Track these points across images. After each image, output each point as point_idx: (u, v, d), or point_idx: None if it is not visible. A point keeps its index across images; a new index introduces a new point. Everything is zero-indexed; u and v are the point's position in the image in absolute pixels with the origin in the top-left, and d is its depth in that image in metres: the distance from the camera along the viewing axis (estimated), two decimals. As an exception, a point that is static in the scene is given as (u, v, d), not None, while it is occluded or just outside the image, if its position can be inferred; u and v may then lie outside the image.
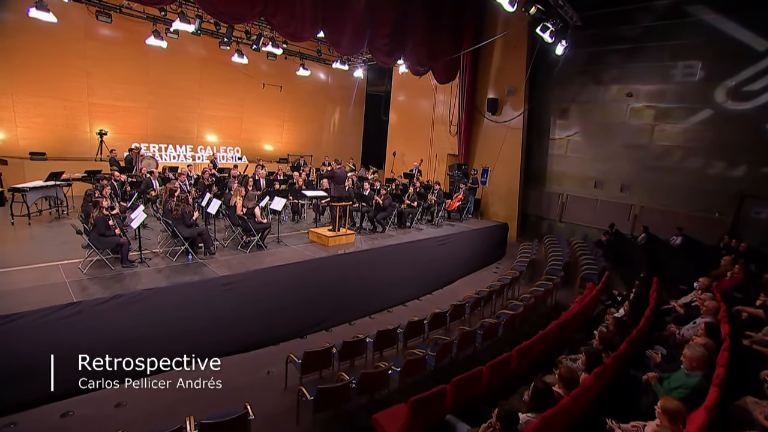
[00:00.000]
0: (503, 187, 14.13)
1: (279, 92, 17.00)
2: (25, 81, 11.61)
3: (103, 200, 6.19)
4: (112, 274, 6.13)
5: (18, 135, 11.79)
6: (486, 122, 14.39)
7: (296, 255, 7.79)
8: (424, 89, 16.12)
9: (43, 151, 11.60)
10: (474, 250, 11.40)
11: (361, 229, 10.24)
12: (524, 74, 13.14)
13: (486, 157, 14.41)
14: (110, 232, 6.22)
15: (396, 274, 8.98)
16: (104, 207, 6.18)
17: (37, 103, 11.88)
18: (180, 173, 9.49)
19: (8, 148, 11.66)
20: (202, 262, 6.98)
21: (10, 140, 11.74)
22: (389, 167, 17.18)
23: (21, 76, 11.51)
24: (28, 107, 11.76)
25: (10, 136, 11.74)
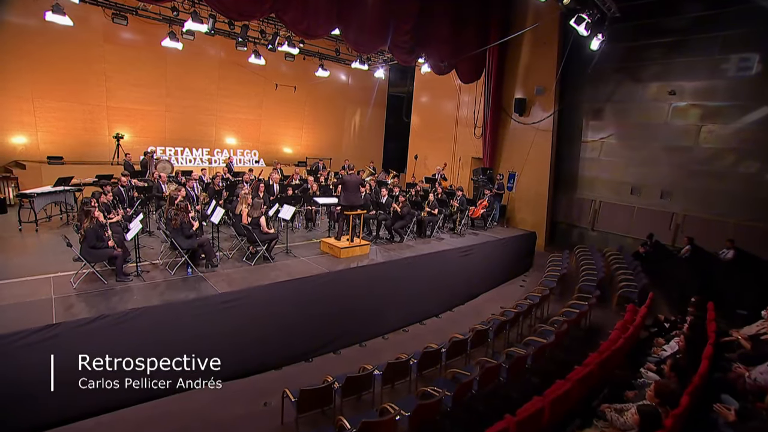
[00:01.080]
0: (531, 192, 13.14)
1: (299, 94, 16.46)
2: (46, 85, 11.46)
3: (94, 210, 5.68)
4: (103, 290, 5.61)
5: (38, 139, 11.65)
6: (513, 124, 13.43)
7: (304, 268, 7.13)
8: (447, 90, 15.28)
9: (61, 155, 11.41)
10: (499, 261, 10.49)
11: (377, 238, 9.51)
12: (555, 72, 12.12)
13: (512, 160, 13.44)
14: (102, 243, 5.71)
15: (413, 288, 8.21)
16: (96, 217, 5.66)
17: (57, 108, 11.72)
18: (189, 178, 8.99)
19: (29, 153, 11.53)
20: (202, 276, 6.40)
21: (31, 145, 11.61)
22: (411, 171, 16.39)
23: (42, 81, 11.36)
24: (48, 111, 11.61)
25: (31, 140, 11.61)
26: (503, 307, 8.90)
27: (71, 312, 4.96)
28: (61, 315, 4.85)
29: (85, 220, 5.66)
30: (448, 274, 9.01)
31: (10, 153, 11.25)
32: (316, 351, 6.54)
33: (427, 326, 7.97)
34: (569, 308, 7.32)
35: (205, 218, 7.66)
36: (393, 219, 9.38)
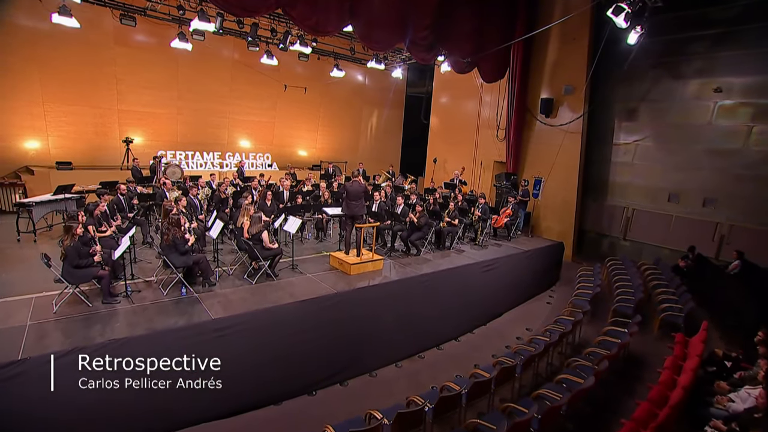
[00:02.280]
0: (558, 198, 12.15)
1: (313, 95, 15.86)
2: (56, 89, 11.14)
3: (76, 227, 5.09)
4: (86, 314, 5.03)
5: (50, 144, 11.35)
6: (539, 126, 12.45)
7: (310, 288, 6.42)
8: (468, 90, 14.40)
9: (70, 161, 11.06)
10: (524, 275, 9.58)
11: (392, 250, 8.74)
12: (585, 70, 11.12)
13: (538, 164, 12.46)
14: (85, 261, 5.12)
15: (431, 309, 7.42)
16: (77, 234, 5.08)
17: (68, 112, 11.40)
18: (193, 185, 8.41)
19: (41, 158, 11.23)
20: (196, 298, 5.77)
21: (43, 149, 11.31)
22: (429, 175, 15.54)
23: (52, 84, 11.05)
24: (59, 115, 11.29)
25: (43, 145, 11.31)
26: (529, 328, 8.09)
27: (43, 343, 4.37)
28: (31, 347, 4.26)
29: (65, 236, 5.07)
30: (468, 291, 8.18)
31: (21, 158, 10.96)
32: (321, 383, 5.83)
33: (445, 351, 7.17)
34: (606, 336, 6.39)
35: (207, 230, 7.06)
36: (410, 230, 8.61)
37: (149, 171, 11.07)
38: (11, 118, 10.55)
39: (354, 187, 7.33)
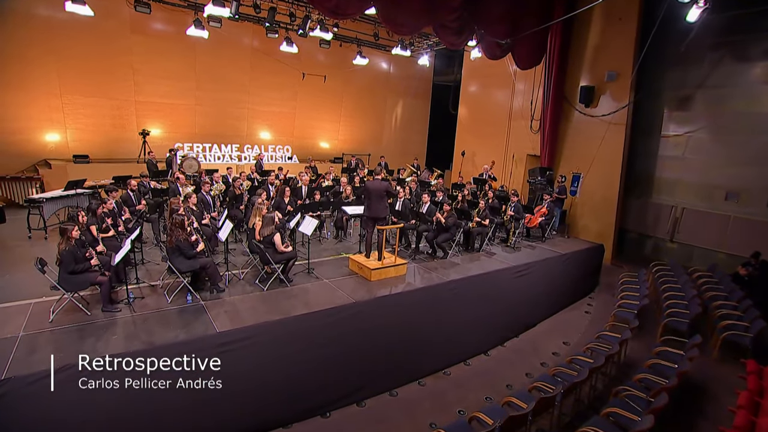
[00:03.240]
0: (596, 196, 11.23)
1: (336, 84, 15.31)
2: (74, 80, 11.00)
3: (72, 229, 4.72)
4: (83, 324, 4.68)
5: (68, 137, 11.24)
6: (577, 116, 11.51)
7: (326, 296, 5.93)
8: (500, 77, 13.53)
9: (87, 154, 10.94)
10: (560, 281, 8.82)
11: (417, 252, 8.15)
12: (633, 53, 10.11)
13: (576, 159, 11.54)
14: (82, 266, 4.76)
15: (458, 319, 6.82)
16: (72, 237, 4.71)
17: (85, 104, 11.25)
18: (204, 181, 8.02)
19: (60, 151, 11.16)
20: (202, 306, 5.36)
21: (61, 142, 11.23)
22: (457, 169, 14.79)
23: (69, 75, 10.91)
24: (77, 107, 11.16)
25: (61, 138, 11.21)
26: (566, 342, 7.37)
27: (32, 359, 4.02)
28: (18, 364, 3.92)
29: (61, 240, 4.71)
30: (499, 299, 7.52)
31: (40, 151, 10.91)
32: (336, 403, 5.34)
33: (473, 368, 6.55)
34: (658, 359, 5.62)
35: (217, 230, 6.65)
36: (436, 231, 7.99)
37: (165, 164, 10.83)
38: (30, 111, 10.47)
39: (376, 185, 6.74)
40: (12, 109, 10.19)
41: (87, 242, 5.42)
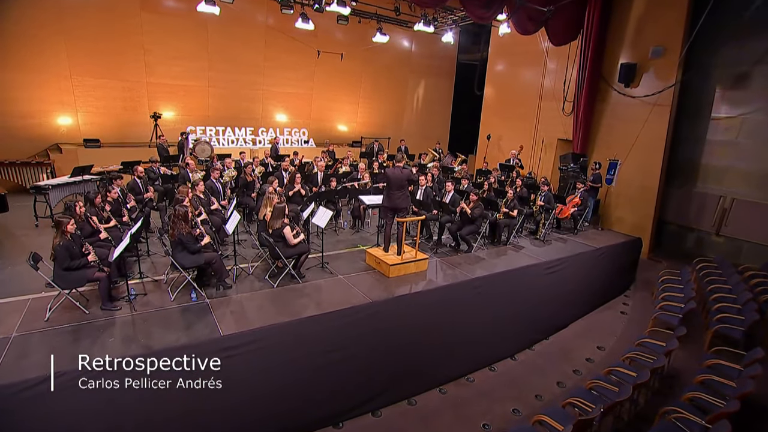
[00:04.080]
0: (634, 184, 10.44)
1: (354, 64, 14.70)
2: (84, 61, 10.70)
3: (67, 222, 4.40)
4: (80, 323, 4.41)
5: (79, 120, 11.03)
6: (615, 97, 10.65)
7: (340, 294, 5.53)
8: (530, 55, 12.69)
9: (98, 138, 10.74)
10: (594, 278, 8.22)
11: (439, 245, 7.66)
12: (683, 25, 9.18)
13: (613, 143, 10.72)
14: (77, 262, 4.46)
15: (483, 319, 6.36)
16: (67, 231, 4.40)
17: (96, 85, 10.98)
18: (213, 166, 7.65)
19: (71, 135, 10.98)
20: (207, 304, 5.03)
21: (73, 126, 11.02)
22: (481, 154, 14.09)
23: (79, 56, 10.60)
24: (87, 90, 10.91)
25: (73, 121, 11.01)
26: (601, 347, 6.82)
27: (21, 365, 3.75)
28: (6, 371, 3.65)
29: (55, 234, 4.41)
30: (528, 297, 7.01)
31: (52, 135, 10.73)
32: (349, 412, 4.98)
33: (499, 373, 6.10)
34: (711, 374, 5.03)
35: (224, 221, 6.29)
36: (460, 222, 7.47)
37: (177, 149, 10.54)
38: (40, 93, 10.27)
39: (396, 173, 6.22)
40: (22, 91, 10.01)
41: (86, 234, 5.14)
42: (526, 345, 6.82)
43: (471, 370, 6.06)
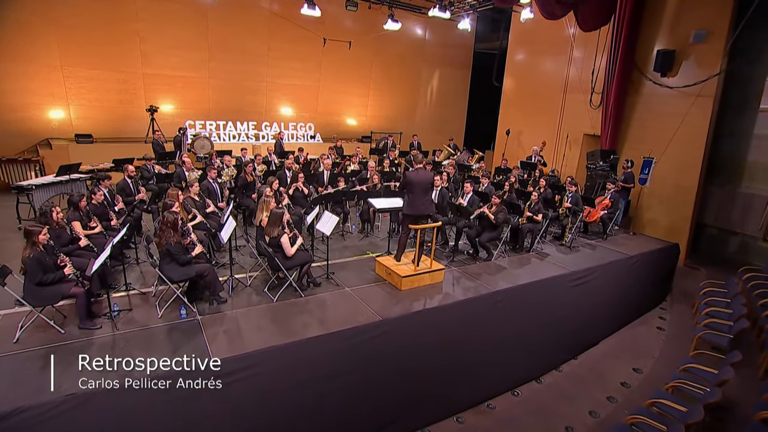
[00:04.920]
0: (669, 183, 9.83)
1: (365, 54, 14.30)
2: (75, 51, 10.45)
3: (38, 232, 4.04)
4: (51, 347, 4.04)
5: (71, 114, 10.76)
6: (649, 88, 10.05)
7: (346, 311, 5.12)
8: (554, 43, 12.12)
9: (90, 133, 10.46)
10: (627, 289, 7.71)
11: (456, 252, 7.20)
12: (731, 5, 8.55)
13: (646, 139, 10.11)
14: (51, 277, 4.10)
15: (504, 336, 5.91)
16: (38, 242, 4.04)
17: (89, 77, 10.71)
18: (210, 166, 7.27)
19: (63, 130, 10.73)
20: (198, 322, 4.65)
21: (65, 120, 10.76)
22: (500, 150, 13.55)
23: (71, 46, 10.36)
24: (79, 81, 10.64)
25: (65, 115, 10.74)
26: (638, 369, 6.30)
27: (-18, 398, 3.39)
28: (-36, 404, 3.29)
29: (25, 245, 4.05)
30: (554, 312, 6.53)
31: (43, 130, 10.49)
32: (356, 446, 4.57)
33: (523, 399, 5.65)
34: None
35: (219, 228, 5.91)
36: (480, 227, 7.01)
37: (174, 145, 10.22)
38: (29, 85, 10.00)
39: (420, 177, 5.73)
40: (10, 82, 9.75)
41: (64, 243, 4.79)
42: (553, 365, 6.35)
43: (492, 395, 5.61)
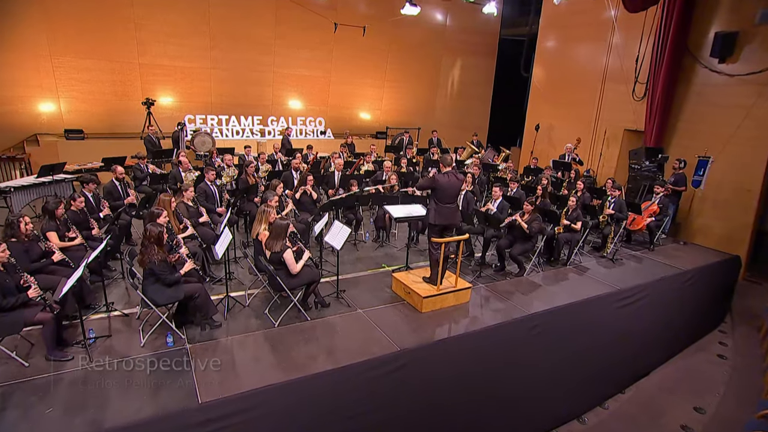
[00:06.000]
0: (726, 185, 9.08)
1: (380, 42, 13.78)
2: (65, 39, 10.12)
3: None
4: (12, 384, 3.61)
5: (62, 108, 10.46)
6: (704, 76, 9.32)
7: (359, 339, 4.63)
8: (592, 27, 11.45)
9: (82, 128, 10.15)
10: (680, 310, 7.05)
11: (482, 264, 6.63)
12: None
13: (700, 135, 9.37)
14: (11, 301, 3.68)
15: (539, 369, 5.34)
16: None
17: (80, 67, 10.39)
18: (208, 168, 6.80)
19: (53, 125, 10.44)
20: (187, 351, 4.19)
21: (55, 114, 10.45)
22: (528, 148, 12.91)
23: (60, 33, 10.01)
24: (70, 72, 10.33)
25: (55, 108, 10.44)
26: (700, 408, 5.67)
27: None
28: None
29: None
30: (597, 337, 5.96)
31: (31, 125, 10.20)
32: (368, 505, 4.07)
33: (565, 444, 5.08)
34: None
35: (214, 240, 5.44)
36: (511, 238, 6.45)
37: (172, 141, 9.84)
38: (16, 75, 9.70)
39: (452, 181, 5.20)
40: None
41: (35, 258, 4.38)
42: (597, 401, 5.77)
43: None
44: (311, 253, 5.29)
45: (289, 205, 6.54)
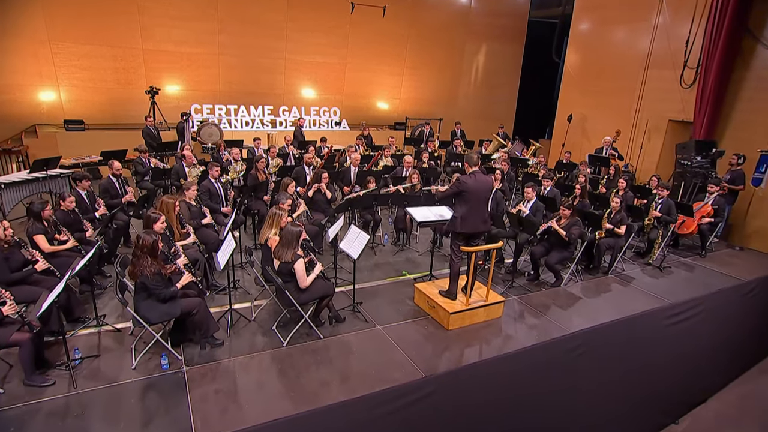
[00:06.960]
0: (785, 183, 8.41)
1: (400, 26, 13.42)
2: (65, 23, 9.93)
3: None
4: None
5: (62, 96, 10.24)
6: (766, 59, 8.57)
7: (377, 362, 4.22)
8: (633, 7, 10.82)
9: (82, 119, 9.91)
10: (739, 325, 6.46)
11: (514, 273, 6.14)
12: None
13: (759, 126, 8.66)
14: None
15: (580, 392, 4.86)
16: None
17: (80, 53, 10.17)
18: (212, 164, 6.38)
19: (53, 115, 10.26)
20: (183, 376, 3.84)
21: (55, 103, 10.24)
22: (559, 140, 12.28)
23: (59, 18, 9.83)
24: (70, 58, 10.12)
25: (55, 97, 10.22)
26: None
27: None
28: None
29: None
30: (645, 360, 5.42)
31: (31, 115, 10.05)
32: None
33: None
34: None
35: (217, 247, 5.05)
36: (547, 245, 5.95)
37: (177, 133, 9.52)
38: (14, 62, 9.51)
39: (481, 183, 4.70)
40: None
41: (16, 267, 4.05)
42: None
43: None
44: (325, 259, 4.87)
45: (301, 206, 6.14)
